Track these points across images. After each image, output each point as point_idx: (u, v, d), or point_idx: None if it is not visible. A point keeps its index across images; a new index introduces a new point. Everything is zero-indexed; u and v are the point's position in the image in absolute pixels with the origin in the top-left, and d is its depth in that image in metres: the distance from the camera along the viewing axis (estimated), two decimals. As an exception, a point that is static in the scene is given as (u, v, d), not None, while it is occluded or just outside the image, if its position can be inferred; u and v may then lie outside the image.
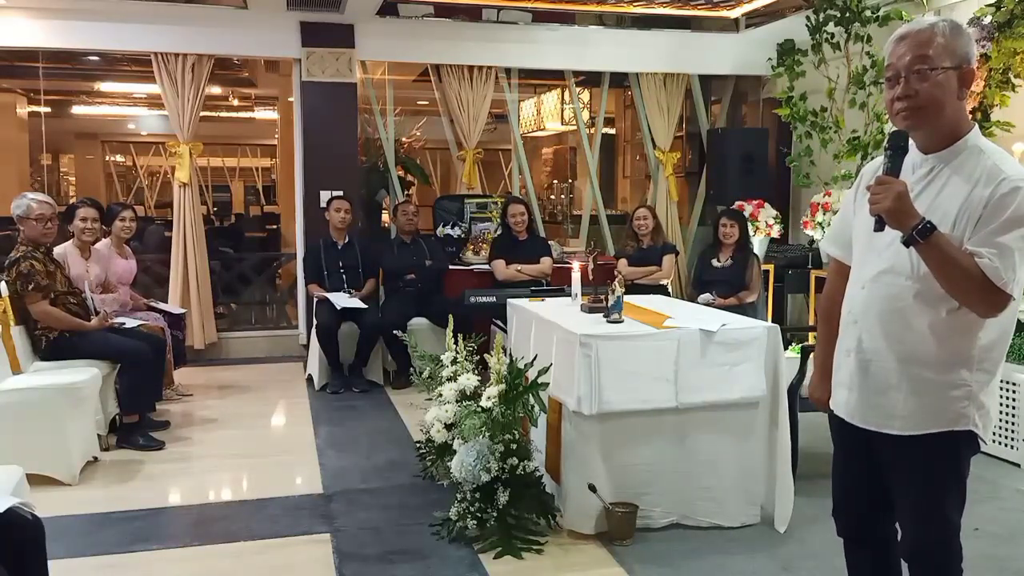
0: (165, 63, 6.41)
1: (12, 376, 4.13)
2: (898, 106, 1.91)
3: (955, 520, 2.00)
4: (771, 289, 6.55)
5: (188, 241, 6.59)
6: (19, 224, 4.46)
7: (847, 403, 2.06)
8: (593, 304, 3.80)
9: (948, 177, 1.91)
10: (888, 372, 1.96)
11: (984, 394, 1.94)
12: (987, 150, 1.91)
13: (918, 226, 1.78)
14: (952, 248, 1.81)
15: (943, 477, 1.98)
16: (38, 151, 9.53)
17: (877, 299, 1.97)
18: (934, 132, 1.93)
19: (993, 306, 1.83)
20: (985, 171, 1.86)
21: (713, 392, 3.31)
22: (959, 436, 1.93)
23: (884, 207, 1.80)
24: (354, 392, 5.72)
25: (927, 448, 1.94)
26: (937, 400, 1.92)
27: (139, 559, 3.17)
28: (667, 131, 7.52)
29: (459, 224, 6.96)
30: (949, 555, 2.02)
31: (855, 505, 2.20)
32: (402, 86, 8.13)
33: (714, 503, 3.38)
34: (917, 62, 1.88)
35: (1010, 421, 4.21)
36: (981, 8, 4.98)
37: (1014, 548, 3.24)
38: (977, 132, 1.95)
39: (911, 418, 1.94)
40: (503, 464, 3.24)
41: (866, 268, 2.01)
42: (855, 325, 2.03)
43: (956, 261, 1.80)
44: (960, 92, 1.90)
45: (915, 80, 1.88)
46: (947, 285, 1.83)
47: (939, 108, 1.88)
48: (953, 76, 1.87)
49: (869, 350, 1.99)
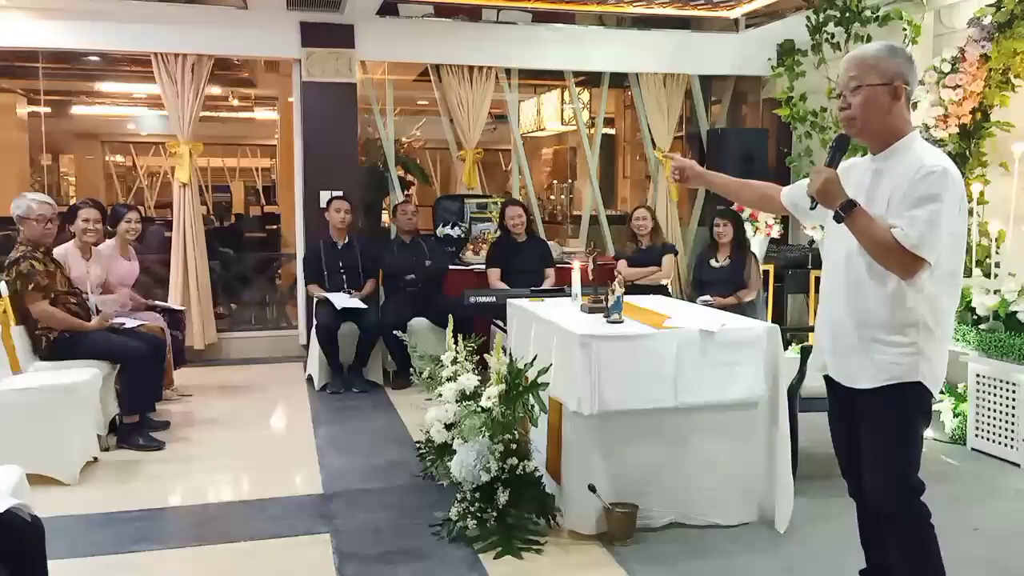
0: (165, 63, 6.41)
1: (12, 376, 4.14)
2: (839, 115, 2.33)
3: (907, 471, 2.26)
4: (771, 289, 6.55)
5: (188, 241, 6.59)
6: (19, 224, 4.46)
7: (831, 365, 2.42)
8: (593, 304, 3.80)
9: (884, 173, 2.27)
10: (851, 337, 2.31)
11: (930, 349, 2.23)
12: (916, 149, 2.25)
13: (843, 203, 2.17)
14: (872, 222, 2.17)
15: (894, 428, 2.27)
16: (38, 151, 9.53)
17: (841, 276, 2.33)
18: (873, 138, 2.31)
19: (909, 270, 2.16)
20: (912, 163, 2.20)
21: (713, 392, 3.31)
22: (909, 388, 2.24)
23: (815, 188, 2.22)
24: (354, 392, 5.72)
25: (881, 400, 2.26)
26: (887, 356, 2.24)
27: (139, 559, 3.16)
28: (667, 131, 7.52)
29: (459, 224, 6.96)
30: (906, 507, 2.27)
31: (853, 465, 2.43)
32: (402, 86, 8.14)
33: (714, 503, 3.38)
34: (850, 80, 2.27)
35: (1010, 421, 4.21)
36: (981, 8, 4.97)
37: (1014, 548, 3.23)
38: (914, 135, 2.29)
39: (868, 373, 2.27)
40: (503, 464, 3.24)
41: (833, 252, 2.40)
42: (827, 300, 2.42)
43: (875, 231, 2.16)
44: (892, 105, 2.23)
45: (848, 95, 2.27)
46: (872, 253, 2.19)
47: (868, 118, 2.25)
48: (882, 91, 2.23)
49: (837, 321, 2.36)
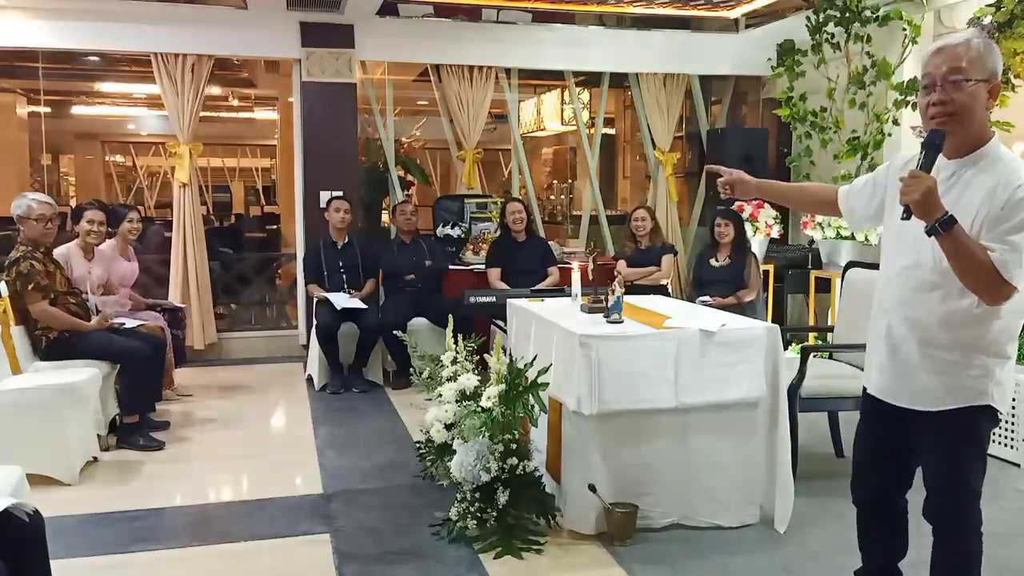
0: (165, 63, 6.40)
1: (12, 376, 4.14)
2: (933, 111, 2.11)
3: (975, 488, 2.23)
4: (771, 289, 6.55)
5: (188, 241, 6.59)
6: (19, 224, 4.45)
7: (879, 382, 2.32)
8: (593, 304, 3.80)
9: (969, 181, 2.11)
10: (913, 355, 2.20)
11: (1001, 372, 2.16)
12: (1005, 158, 2.11)
13: (941, 218, 1.98)
14: (969, 241, 2.02)
15: (966, 449, 2.21)
16: (38, 151, 9.53)
17: (903, 291, 2.21)
18: (962, 138, 2.12)
19: (998, 295, 2.04)
20: (1003, 177, 2.05)
21: (713, 392, 3.30)
22: (979, 410, 2.16)
23: (913, 199, 1.99)
24: (354, 392, 5.72)
25: (951, 423, 2.17)
26: (958, 379, 2.15)
27: (139, 559, 3.16)
28: (667, 131, 7.52)
29: (459, 224, 6.96)
30: (969, 521, 2.25)
31: (874, 476, 2.45)
32: (402, 86, 8.14)
33: (714, 503, 3.38)
34: (952, 73, 2.08)
35: (1010, 421, 4.21)
36: (981, 8, 4.98)
37: (1014, 548, 3.24)
38: (997, 141, 2.15)
39: (936, 396, 2.18)
40: (503, 464, 3.23)
41: (895, 262, 2.25)
42: (885, 313, 2.28)
43: (972, 252, 2.01)
44: (988, 103, 2.11)
45: (950, 89, 2.08)
46: (961, 274, 2.04)
47: (969, 116, 2.09)
48: (983, 88, 2.09)
49: (897, 336, 2.23)
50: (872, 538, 2.55)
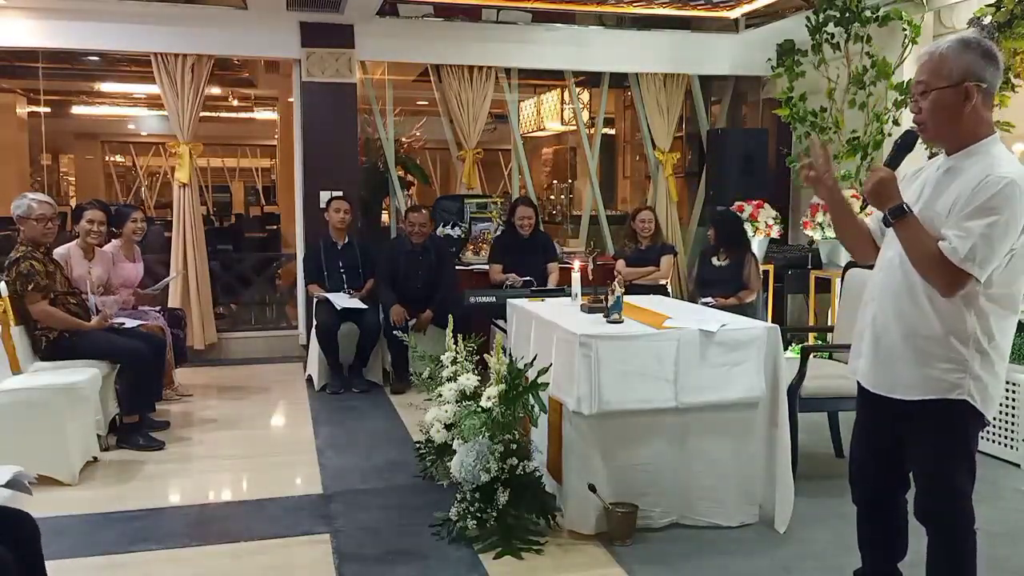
0: (165, 63, 6.41)
1: (12, 376, 4.14)
2: (913, 119, 2.25)
3: (961, 486, 2.24)
4: (771, 289, 6.55)
5: (188, 241, 6.59)
6: (19, 224, 4.45)
7: (863, 370, 2.37)
8: (593, 304, 3.80)
9: (960, 174, 2.17)
10: (895, 344, 2.24)
11: (981, 369, 2.16)
12: (993, 153, 2.15)
13: (894, 207, 2.10)
14: (921, 231, 2.11)
15: (944, 442, 2.23)
16: (38, 151, 9.54)
17: (889, 281, 2.26)
18: (946, 141, 2.23)
19: (950, 284, 2.09)
20: (982, 170, 2.10)
21: (713, 392, 3.31)
22: (954, 405, 2.17)
23: (866, 189, 2.15)
24: (354, 392, 5.72)
25: (928, 415, 2.20)
26: (932, 370, 2.18)
27: (139, 559, 3.16)
28: (667, 131, 7.52)
29: (459, 224, 6.95)
30: (955, 518, 2.26)
31: (870, 473, 2.47)
32: (402, 86, 8.14)
33: (714, 503, 3.38)
34: (917, 84, 2.20)
35: (1010, 421, 4.21)
36: (981, 8, 4.98)
37: (1014, 548, 3.24)
38: (994, 140, 2.19)
39: (912, 384, 2.21)
40: (503, 464, 3.23)
41: (884, 254, 2.32)
42: (871, 303, 2.33)
43: (921, 241, 2.10)
44: (963, 107, 2.14)
45: (919, 99, 2.20)
46: (914, 263, 2.13)
47: (939, 121, 2.18)
48: (948, 93, 2.14)
49: (880, 325, 2.28)
50: (872, 538, 2.56)
